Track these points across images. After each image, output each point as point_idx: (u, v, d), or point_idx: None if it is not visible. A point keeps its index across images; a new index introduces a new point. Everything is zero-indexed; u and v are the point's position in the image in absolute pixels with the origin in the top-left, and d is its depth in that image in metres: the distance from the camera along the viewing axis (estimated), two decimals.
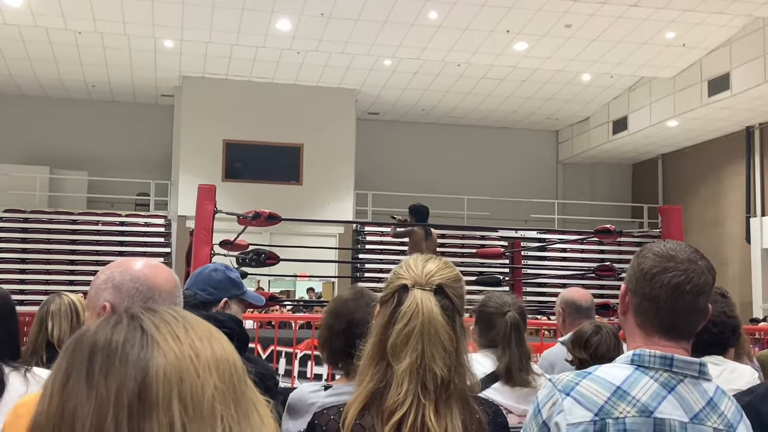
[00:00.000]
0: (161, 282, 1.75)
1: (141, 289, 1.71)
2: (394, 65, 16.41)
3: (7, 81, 17.38)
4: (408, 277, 1.66)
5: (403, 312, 1.60)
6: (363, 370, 1.64)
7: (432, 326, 1.58)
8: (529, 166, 20.48)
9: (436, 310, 1.60)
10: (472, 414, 1.62)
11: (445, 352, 1.58)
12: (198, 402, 0.81)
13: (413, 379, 1.56)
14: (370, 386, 1.60)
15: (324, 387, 2.36)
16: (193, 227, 9.74)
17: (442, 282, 1.65)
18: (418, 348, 1.57)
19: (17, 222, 16.60)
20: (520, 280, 8.85)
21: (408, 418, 1.54)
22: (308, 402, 2.32)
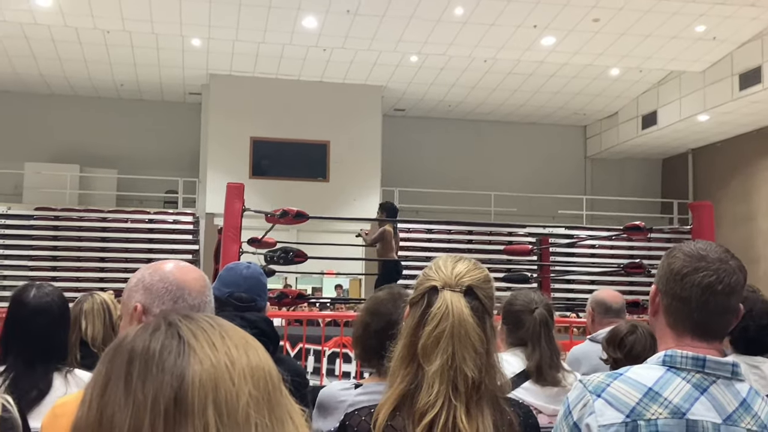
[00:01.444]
0: (190, 282, 1.77)
1: (170, 289, 1.74)
2: (420, 61, 16.38)
3: (37, 80, 17.61)
4: (438, 278, 1.66)
5: (433, 314, 1.60)
6: (394, 372, 1.64)
7: (462, 328, 1.59)
8: (556, 162, 20.34)
9: (466, 311, 1.60)
10: (503, 415, 1.62)
11: (476, 354, 1.58)
12: (233, 409, 0.82)
13: (444, 380, 1.56)
14: (401, 387, 1.60)
15: (354, 385, 2.37)
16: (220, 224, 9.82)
17: (471, 283, 1.65)
18: (448, 350, 1.57)
19: (48, 220, 16.83)
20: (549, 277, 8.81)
21: (439, 419, 1.54)
22: (338, 400, 2.33)
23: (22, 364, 2.55)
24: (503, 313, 2.87)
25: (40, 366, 2.56)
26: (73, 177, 17.71)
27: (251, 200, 7.09)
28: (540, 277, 8.76)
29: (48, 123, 18.20)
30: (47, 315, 2.62)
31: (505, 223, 18.34)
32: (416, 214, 18.73)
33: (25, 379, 2.52)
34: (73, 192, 17.70)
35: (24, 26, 14.53)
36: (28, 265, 16.23)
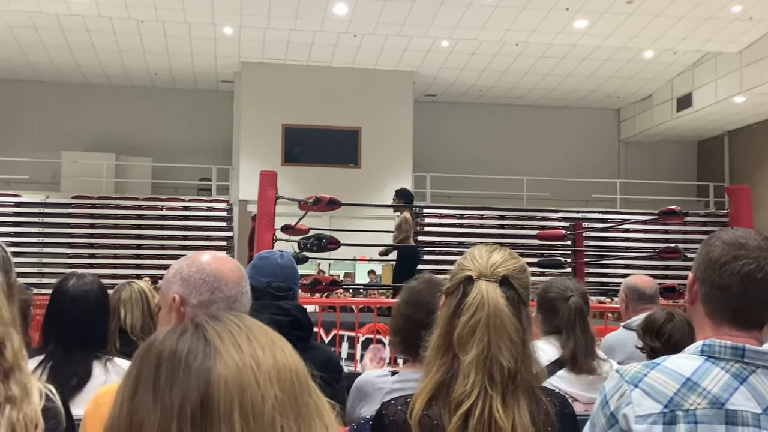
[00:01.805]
0: (227, 272, 1.78)
1: (207, 280, 1.75)
2: (451, 46, 16.29)
3: (73, 70, 17.83)
4: (473, 268, 1.65)
5: (468, 304, 1.60)
6: (429, 362, 1.65)
7: (498, 317, 1.58)
8: (590, 146, 20.14)
9: (501, 301, 1.60)
10: (540, 405, 1.61)
11: (512, 344, 1.58)
12: (258, 413, 0.82)
13: (480, 370, 1.56)
14: (437, 377, 1.60)
15: (391, 373, 2.38)
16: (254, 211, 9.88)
17: (507, 273, 1.64)
18: (484, 340, 1.57)
19: (86, 208, 17.07)
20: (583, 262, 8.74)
21: (475, 409, 1.54)
22: (375, 387, 2.34)
23: (61, 352, 2.60)
24: (538, 301, 2.85)
25: (79, 354, 2.60)
26: (109, 165, 17.94)
27: (283, 187, 7.12)
28: (574, 263, 8.70)
29: (84, 112, 18.44)
30: (85, 303, 2.66)
31: (538, 208, 18.21)
32: (448, 199, 18.68)
33: (64, 367, 2.56)
34: (110, 180, 17.93)
35: (59, 17, 14.71)
36: (67, 253, 16.49)
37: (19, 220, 16.73)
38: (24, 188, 17.27)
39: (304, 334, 2.49)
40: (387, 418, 1.62)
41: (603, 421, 1.86)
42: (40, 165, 17.56)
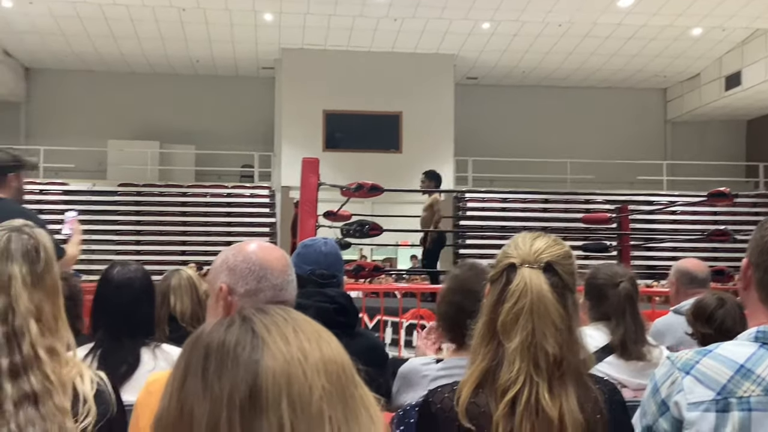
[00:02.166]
0: (273, 261, 1.79)
1: (254, 269, 1.76)
2: (492, 28, 16.13)
3: (117, 59, 18.07)
4: (516, 255, 1.64)
5: (511, 291, 1.59)
6: (475, 349, 1.64)
7: (542, 304, 1.57)
8: (635, 126, 19.81)
9: (545, 287, 1.59)
10: (588, 392, 1.60)
11: (556, 330, 1.57)
12: (306, 403, 0.83)
13: (525, 357, 1.55)
14: (483, 365, 1.60)
15: (435, 360, 2.38)
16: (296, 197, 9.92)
17: (551, 259, 1.63)
18: (528, 326, 1.56)
19: (131, 195, 17.35)
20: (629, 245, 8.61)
21: (522, 396, 1.54)
22: (420, 374, 2.34)
23: (109, 339, 2.65)
24: (586, 287, 2.82)
25: (126, 340, 2.65)
26: (154, 153, 18.20)
27: (325, 173, 7.13)
28: (619, 246, 8.58)
29: (129, 101, 18.69)
30: (130, 290, 2.71)
31: (582, 191, 18.00)
32: (490, 183, 18.58)
33: (113, 354, 2.60)
34: (154, 168, 18.18)
35: (103, 7, 14.91)
36: (114, 240, 16.79)
37: (67, 208, 16.98)
38: (71, 177, 17.61)
39: (350, 321, 2.50)
40: (434, 405, 1.62)
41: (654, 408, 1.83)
42: (86, 154, 17.88)
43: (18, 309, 1.47)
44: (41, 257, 1.56)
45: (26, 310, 1.47)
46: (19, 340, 1.45)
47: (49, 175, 17.64)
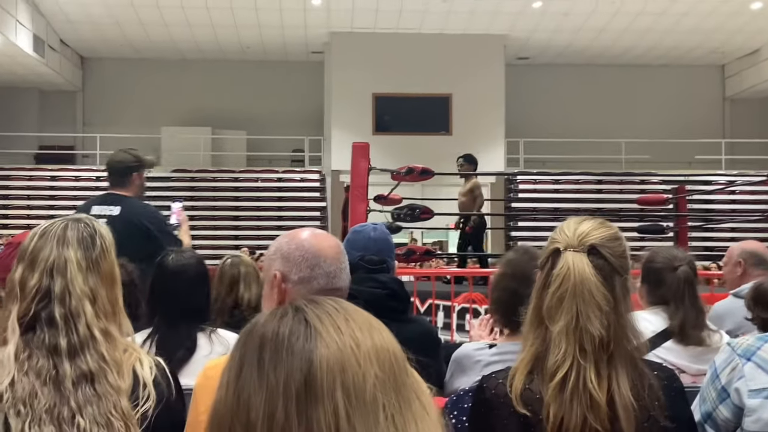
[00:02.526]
0: (326, 249, 1.81)
1: (307, 257, 1.78)
2: (544, 7, 15.89)
3: (169, 47, 18.31)
4: (561, 240, 1.64)
5: (555, 275, 1.59)
6: (525, 335, 1.65)
7: (585, 287, 1.56)
8: (692, 105, 19.34)
9: (588, 270, 1.57)
10: (643, 378, 1.56)
11: (601, 312, 1.55)
12: (360, 391, 0.85)
13: (570, 340, 1.54)
14: (533, 350, 1.60)
15: (488, 345, 2.36)
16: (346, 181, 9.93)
17: (595, 242, 1.61)
18: (572, 309, 1.55)
19: (185, 181, 17.63)
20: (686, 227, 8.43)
21: (569, 378, 1.52)
22: (473, 360, 2.33)
23: (165, 325, 2.70)
24: (643, 271, 2.76)
25: (183, 326, 2.70)
26: (206, 139, 18.44)
27: (375, 157, 7.12)
28: (676, 228, 8.40)
29: (181, 87, 18.95)
30: (184, 277, 2.76)
31: (638, 171, 17.67)
32: (542, 165, 18.37)
33: (170, 340, 2.66)
34: (207, 154, 18.43)
35: None
36: None
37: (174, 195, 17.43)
38: None
39: (401, 306, 2.49)
40: (488, 391, 1.61)
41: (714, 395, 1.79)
42: (141, 140, 18.16)
43: (74, 291, 1.52)
44: (97, 244, 1.61)
45: (81, 292, 1.53)
46: (75, 320, 1.50)
47: (105, 162, 18.00)
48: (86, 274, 1.55)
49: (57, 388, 1.45)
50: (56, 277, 1.53)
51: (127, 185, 4.21)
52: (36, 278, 1.54)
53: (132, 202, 4.14)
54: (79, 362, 1.47)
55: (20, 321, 1.51)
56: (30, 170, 17.77)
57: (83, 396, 1.45)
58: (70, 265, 1.55)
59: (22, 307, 1.52)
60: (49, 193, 17.38)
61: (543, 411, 1.53)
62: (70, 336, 1.48)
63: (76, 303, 1.51)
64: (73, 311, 1.50)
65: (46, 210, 16.98)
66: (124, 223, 3.93)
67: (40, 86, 18.55)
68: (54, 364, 1.46)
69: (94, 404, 1.45)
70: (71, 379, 1.46)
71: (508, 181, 17.79)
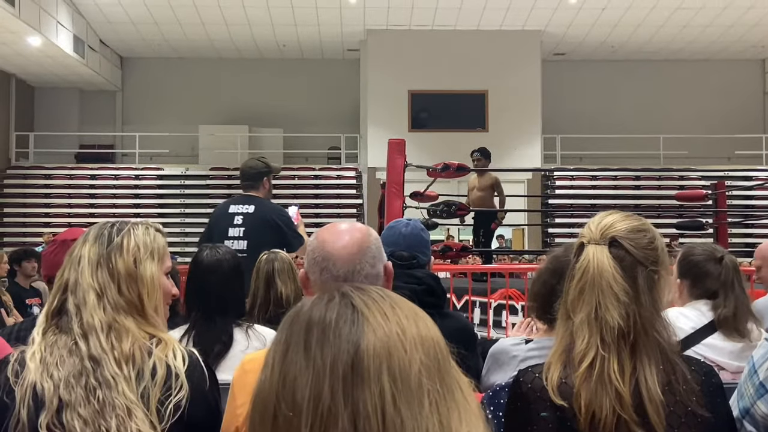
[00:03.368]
0: (338, 249, 1.74)
1: (317, 258, 1.74)
2: (580, 2, 15.74)
3: (206, 45, 18.49)
4: (586, 234, 1.66)
5: (577, 268, 1.62)
6: (558, 329, 1.67)
7: (603, 278, 1.57)
8: (732, 99, 19.02)
9: (606, 262, 1.59)
10: (677, 372, 1.56)
11: (618, 303, 1.56)
12: (406, 376, 0.86)
13: (591, 331, 1.56)
14: (563, 343, 1.61)
15: (525, 340, 2.37)
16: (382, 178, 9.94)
17: (616, 234, 1.62)
18: (591, 301, 1.57)
19: (222, 179, 17.79)
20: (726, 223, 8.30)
21: (595, 367, 1.54)
22: (510, 355, 2.34)
23: (201, 320, 2.74)
24: (681, 267, 2.74)
25: (218, 321, 2.73)
26: (243, 137, 18.58)
27: (411, 154, 7.13)
28: (716, 224, 8.29)
29: (218, 86, 19.13)
30: (219, 272, 2.78)
31: (676, 167, 17.43)
32: (579, 161, 18.21)
33: (207, 334, 2.69)
34: (244, 152, 18.56)
35: None
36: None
37: (162, 192, 17.65)
38: (165, 162, 18.19)
39: (438, 302, 2.50)
40: (525, 385, 1.62)
41: (752, 390, 1.78)
42: (179, 139, 18.40)
43: (82, 283, 1.64)
44: (114, 242, 1.69)
45: (88, 285, 1.63)
46: (81, 309, 1.61)
47: (144, 161, 18.26)
48: (95, 268, 1.65)
49: (80, 360, 1.57)
50: (71, 272, 1.67)
51: (259, 188, 4.81)
52: (61, 273, 1.69)
53: (264, 202, 4.76)
54: (89, 346, 1.58)
55: (51, 309, 1.66)
56: (71, 169, 18.07)
57: (101, 376, 1.55)
58: (82, 260, 1.66)
59: (53, 297, 1.68)
60: (89, 192, 17.67)
61: (575, 402, 1.53)
62: (81, 322, 1.61)
63: (83, 294, 1.62)
64: (80, 302, 1.62)
65: (86, 208, 17.28)
66: (258, 219, 4.64)
67: (81, 86, 18.86)
68: (75, 341, 1.59)
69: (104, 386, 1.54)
70: (87, 357, 1.57)
71: (545, 178, 17.67)
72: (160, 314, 1.70)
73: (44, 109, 19.06)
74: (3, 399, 1.53)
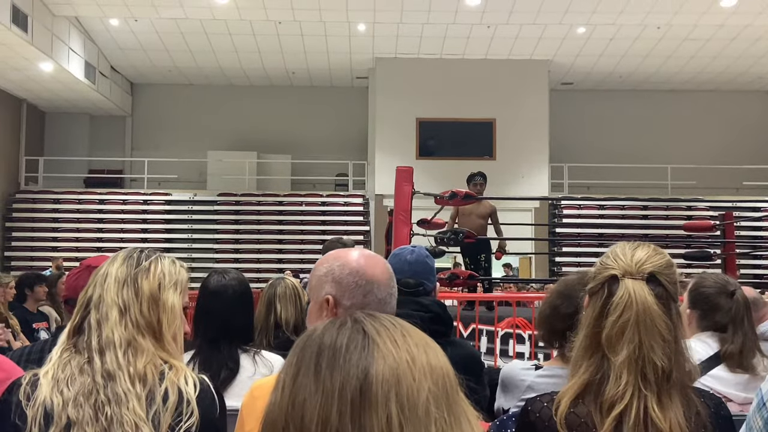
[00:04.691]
0: (378, 275, 1.80)
1: (360, 282, 1.77)
2: (588, 32, 15.84)
3: (217, 73, 18.65)
4: (617, 266, 1.61)
5: (615, 303, 1.56)
6: (576, 362, 1.62)
7: (648, 316, 1.54)
8: (740, 130, 19.04)
9: (650, 299, 1.55)
10: (690, 405, 1.55)
11: (664, 342, 1.53)
12: (413, 403, 0.87)
13: (632, 370, 1.52)
14: (585, 378, 1.57)
15: (535, 366, 2.36)
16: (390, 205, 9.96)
17: (654, 270, 1.59)
18: (635, 339, 1.53)
19: (230, 205, 17.84)
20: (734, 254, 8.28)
21: (630, 410, 1.51)
22: (519, 379, 2.34)
23: (207, 345, 2.72)
24: (691, 297, 2.72)
25: (224, 347, 2.70)
26: (251, 164, 18.66)
27: (419, 181, 7.16)
28: (724, 255, 8.26)
29: (227, 113, 19.26)
30: (224, 297, 2.77)
31: (684, 197, 17.42)
32: (587, 190, 18.20)
33: (213, 360, 2.67)
34: (252, 178, 18.64)
35: (203, 22, 15.43)
36: (214, 248, 17.29)
37: (169, 217, 17.70)
38: (173, 187, 18.26)
39: (445, 330, 2.49)
40: (533, 414, 1.61)
41: (761, 423, 1.77)
42: (187, 164, 18.49)
43: (106, 299, 1.67)
44: (143, 265, 1.72)
45: (112, 301, 1.66)
46: (102, 324, 1.64)
47: (153, 186, 18.33)
48: (121, 286, 1.68)
49: (92, 378, 1.58)
50: (97, 288, 1.70)
51: None
52: (85, 290, 1.72)
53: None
54: (104, 361, 1.60)
55: (72, 327, 1.68)
56: (79, 193, 18.15)
57: (111, 392, 1.57)
58: (108, 278, 1.70)
59: (76, 314, 1.70)
60: (98, 216, 17.72)
61: None
62: (99, 338, 1.63)
63: (107, 310, 1.65)
64: (103, 317, 1.65)
65: (95, 233, 17.32)
66: None
67: (91, 111, 19.01)
68: (89, 358, 1.61)
69: (114, 403, 1.56)
70: (101, 374, 1.59)
71: (552, 206, 17.66)
72: (178, 343, 1.71)
73: (54, 134, 19.19)
74: (15, 422, 1.55)
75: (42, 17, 14.21)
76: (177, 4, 14.38)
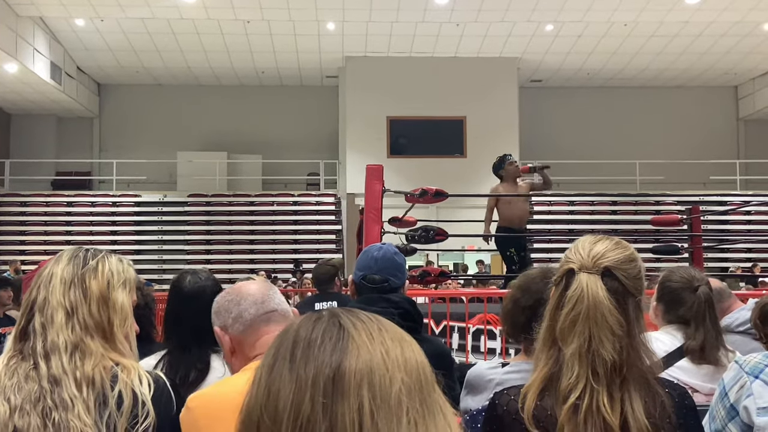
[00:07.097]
0: (247, 285, 1.97)
1: (229, 297, 1.98)
2: (556, 30, 15.97)
3: (185, 73, 18.52)
4: (575, 260, 1.62)
5: (569, 296, 1.57)
6: (538, 355, 1.63)
7: (598, 311, 1.54)
8: (706, 126, 19.31)
9: (601, 294, 1.55)
10: (655, 397, 1.57)
11: (614, 336, 1.54)
12: (386, 393, 0.88)
13: (583, 363, 1.53)
14: (545, 371, 1.58)
15: (501, 364, 2.37)
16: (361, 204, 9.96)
17: (610, 264, 1.59)
18: (585, 333, 1.54)
19: (201, 206, 17.73)
20: (701, 247, 8.38)
21: (582, 402, 1.52)
22: (486, 378, 2.34)
23: (178, 347, 2.69)
24: (658, 291, 2.75)
25: (195, 348, 2.68)
26: (222, 164, 18.57)
27: (390, 179, 7.15)
28: (691, 248, 8.36)
29: (197, 113, 19.13)
30: (200, 300, 2.73)
31: (652, 192, 17.61)
32: (557, 186, 18.32)
33: (183, 361, 2.65)
34: (222, 178, 18.54)
35: (171, 21, 15.32)
36: (185, 249, 17.17)
37: (139, 219, 17.54)
38: (143, 188, 18.11)
39: (415, 326, 2.50)
40: (500, 407, 1.62)
41: (723, 413, 1.80)
42: (157, 166, 18.34)
43: (51, 301, 1.62)
44: (89, 264, 1.68)
45: (57, 303, 1.62)
46: (47, 328, 1.60)
47: (122, 188, 18.16)
48: (68, 287, 1.63)
49: (38, 384, 1.54)
50: (41, 290, 1.65)
51: (333, 287, 5.50)
52: (29, 292, 1.68)
53: (343, 297, 5.32)
54: (49, 365, 1.56)
55: (17, 331, 1.64)
56: (47, 196, 17.92)
57: (59, 397, 1.53)
58: (54, 278, 1.65)
59: (20, 318, 1.65)
60: (66, 219, 17.51)
61: (557, 430, 1.53)
62: (45, 342, 1.58)
63: (52, 312, 1.61)
64: (48, 320, 1.60)
65: (63, 236, 17.11)
66: None
67: (57, 113, 18.78)
68: (35, 364, 1.57)
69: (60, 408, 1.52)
70: (47, 379, 1.55)
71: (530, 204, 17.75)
72: (131, 342, 1.68)
73: (20, 136, 18.93)
74: None
75: (5, 17, 14.00)
76: (143, 4, 14.26)
